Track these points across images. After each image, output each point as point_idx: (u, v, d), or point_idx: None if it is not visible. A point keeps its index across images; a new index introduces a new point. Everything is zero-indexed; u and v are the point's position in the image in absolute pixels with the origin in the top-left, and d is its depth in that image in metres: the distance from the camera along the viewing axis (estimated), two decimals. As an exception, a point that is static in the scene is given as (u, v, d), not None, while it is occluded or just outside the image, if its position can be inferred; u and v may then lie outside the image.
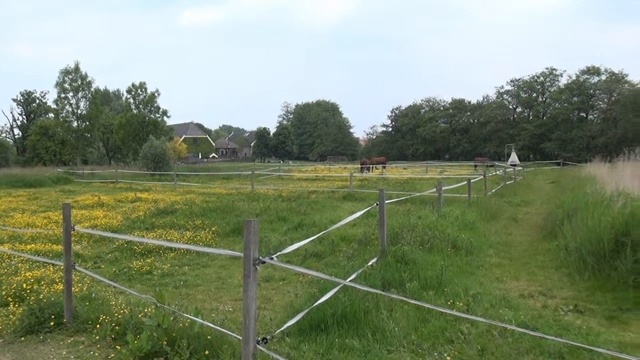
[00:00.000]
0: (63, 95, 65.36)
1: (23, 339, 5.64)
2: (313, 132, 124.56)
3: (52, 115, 70.11)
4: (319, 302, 5.38)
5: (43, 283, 7.15)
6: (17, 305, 6.42)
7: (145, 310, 5.72)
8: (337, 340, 5.16)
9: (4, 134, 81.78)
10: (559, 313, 6.35)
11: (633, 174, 14.19)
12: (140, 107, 64.00)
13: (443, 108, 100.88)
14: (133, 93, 64.68)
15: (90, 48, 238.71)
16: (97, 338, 5.51)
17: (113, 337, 5.47)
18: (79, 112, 66.44)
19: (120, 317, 5.67)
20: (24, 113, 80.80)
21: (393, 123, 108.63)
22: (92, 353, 5.24)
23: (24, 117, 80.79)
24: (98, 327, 5.67)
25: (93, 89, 68.73)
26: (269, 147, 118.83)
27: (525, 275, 8.47)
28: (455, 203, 15.61)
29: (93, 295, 6.64)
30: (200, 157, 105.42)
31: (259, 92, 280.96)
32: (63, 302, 6.00)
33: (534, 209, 17.29)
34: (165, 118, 66.69)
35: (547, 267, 8.93)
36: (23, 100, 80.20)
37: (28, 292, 6.75)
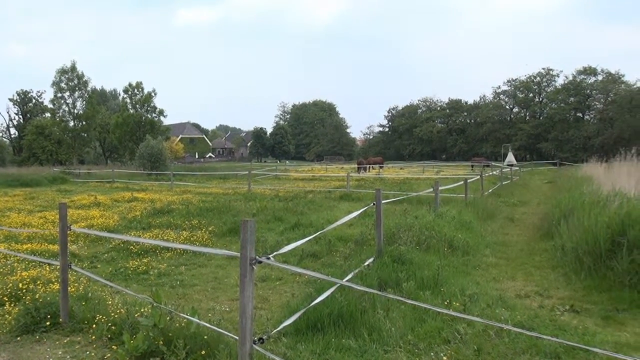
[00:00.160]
0: (59, 95, 65.00)
1: (19, 339, 5.63)
2: (310, 132, 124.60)
3: (48, 115, 69.69)
4: (316, 302, 5.39)
5: (39, 283, 7.13)
6: (13, 305, 6.39)
7: (142, 310, 5.70)
8: (333, 340, 5.16)
9: (0, 134, 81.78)
10: (556, 313, 6.36)
11: (629, 174, 14.21)
12: (137, 106, 63.65)
13: (440, 108, 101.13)
14: (130, 93, 64.35)
15: (87, 47, 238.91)
16: (93, 338, 5.49)
17: (109, 337, 5.46)
18: (76, 111, 66.06)
19: (117, 317, 5.66)
20: (21, 113, 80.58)
21: (390, 123, 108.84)
22: (88, 353, 5.23)
23: (21, 116, 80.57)
24: (94, 327, 5.65)
25: (89, 89, 68.36)
26: (266, 147, 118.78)
27: (522, 275, 8.48)
28: (452, 203, 15.63)
29: (89, 295, 6.61)
30: (197, 157, 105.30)
31: (256, 92, 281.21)
32: (59, 301, 5.98)
33: (531, 209, 17.33)
34: (162, 118, 66.33)
35: (543, 267, 8.95)
36: (19, 100, 79.96)
37: (24, 291, 6.72)
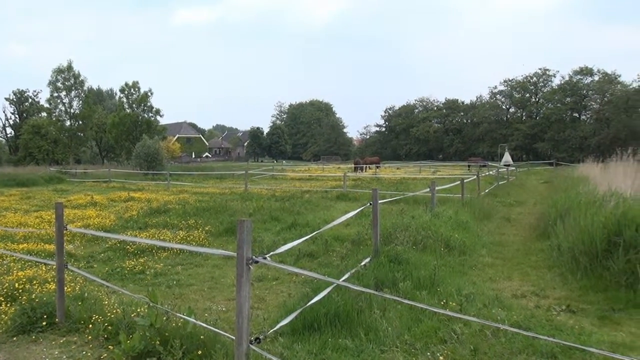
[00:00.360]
0: (56, 95, 64.84)
1: (15, 339, 5.61)
2: (307, 132, 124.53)
3: (44, 115, 69.51)
4: (312, 301, 5.38)
5: (35, 283, 7.11)
6: (9, 305, 6.37)
7: (138, 310, 5.69)
8: (330, 340, 5.16)
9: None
10: (552, 313, 6.37)
11: (625, 174, 14.24)
12: (134, 106, 63.54)
13: (436, 108, 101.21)
14: (126, 92, 64.21)
15: (83, 47, 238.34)
16: (89, 338, 5.49)
17: (105, 336, 5.45)
18: (72, 111, 65.95)
19: (113, 316, 5.65)
20: (17, 112, 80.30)
21: (386, 123, 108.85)
22: (84, 353, 5.22)
23: (17, 116, 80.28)
24: (90, 326, 5.64)
25: (86, 88, 68.29)
26: (263, 146, 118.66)
27: (518, 275, 8.49)
28: (449, 203, 15.64)
29: (85, 295, 6.60)
30: (194, 156, 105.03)
31: (253, 91, 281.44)
32: (55, 301, 5.97)
33: (527, 209, 17.36)
34: (159, 117, 66.20)
35: (539, 267, 8.96)
36: (16, 100, 79.70)
37: (20, 291, 6.70)
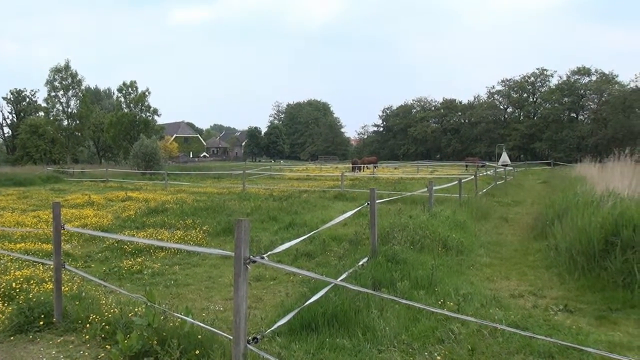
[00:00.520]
0: (53, 94, 64.60)
1: (12, 339, 5.60)
2: (304, 131, 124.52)
3: (42, 114, 69.39)
4: (310, 301, 5.38)
5: (32, 282, 7.09)
6: (6, 305, 6.35)
7: (136, 310, 5.68)
8: (327, 340, 5.16)
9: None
10: (549, 313, 6.38)
11: (623, 175, 14.26)
12: (131, 106, 63.43)
13: (434, 108, 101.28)
14: (124, 92, 64.06)
15: (81, 46, 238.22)
16: (87, 337, 5.47)
17: (103, 336, 5.44)
18: (70, 110, 65.73)
19: (110, 316, 5.64)
20: (14, 111, 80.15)
21: (384, 123, 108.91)
22: (81, 352, 5.21)
23: (14, 115, 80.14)
24: (88, 326, 5.62)
25: (83, 88, 68.11)
26: (260, 146, 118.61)
27: (516, 275, 8.51)
28: (446, 203, 15.65)
29: (83, 295, 6.59)
30: (192, 156, 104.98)
31: (250, 91, 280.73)
32: (53, 301, 5.96)
33: (525, 209, 17.39)
34: (156, 117, 66.09)
35: (537, 266, 8.98)
36: (13, 99, 79.55)
37: (17, 291, 6.69)
